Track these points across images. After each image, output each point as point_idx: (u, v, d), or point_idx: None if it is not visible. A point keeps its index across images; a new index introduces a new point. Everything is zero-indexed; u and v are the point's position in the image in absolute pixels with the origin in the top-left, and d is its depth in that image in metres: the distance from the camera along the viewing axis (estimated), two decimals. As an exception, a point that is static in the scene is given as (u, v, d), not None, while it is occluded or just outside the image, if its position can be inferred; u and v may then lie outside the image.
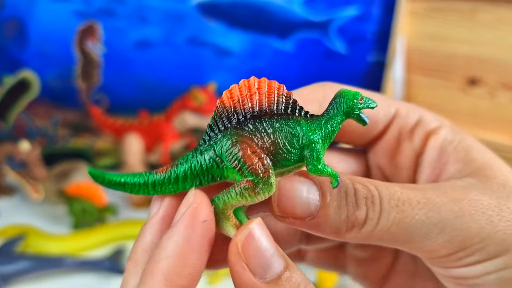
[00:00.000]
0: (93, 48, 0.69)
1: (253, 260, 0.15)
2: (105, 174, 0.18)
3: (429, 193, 0.17)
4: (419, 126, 0.21)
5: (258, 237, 0.15)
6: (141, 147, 0.67)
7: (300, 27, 0.70)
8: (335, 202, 0.16)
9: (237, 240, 0.15)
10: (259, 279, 0.15)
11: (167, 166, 0.17)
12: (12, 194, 0.66)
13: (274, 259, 0.15)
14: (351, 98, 0.17)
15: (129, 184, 0.18)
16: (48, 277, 0.49)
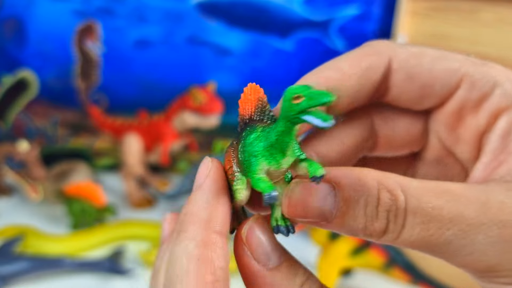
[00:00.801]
0: (92, 48, 0.68)
1: (256, 250, 0.17)
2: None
3: (468, 207, 0.15)
4: (489, 98, 0.17)
5: (258, 231, 0.17)
6: (140, 147, 0.67)
7: (300, 27, 0.69)
8: (353, 211, 0.15)
9: (241, 232, 0.17)
10: (263, 266, 0.16)
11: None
12: (11, 194, 0.66)
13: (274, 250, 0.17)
14: (285, 98, 0.14)
15: None
16: (47, 277, 0.49)
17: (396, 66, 0.18)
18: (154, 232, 0.56)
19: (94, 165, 0.72)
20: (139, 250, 0.51)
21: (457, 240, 0.15)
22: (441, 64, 0.18)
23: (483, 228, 0.15)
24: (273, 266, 0.16)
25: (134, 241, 0.55)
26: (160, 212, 0.63)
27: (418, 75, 0.18)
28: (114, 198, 0.65)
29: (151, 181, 0.68)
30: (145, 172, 0.68)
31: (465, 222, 0.15)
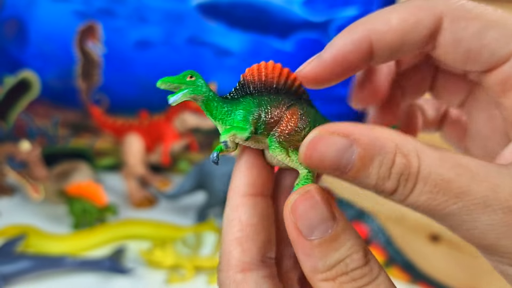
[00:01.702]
0: (93, 48, 0.69)
1: (301, 221, 0.16)
2: None
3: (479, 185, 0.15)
4: None
5: (307, 200, 0.17)
6: (141, 147, 0.67)
7: (300, 27, 0.70)
8: (367, 168, 0.16)
9: (289, 201, 0.17)
10: (306, 238, 0.16)
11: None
12: (12, 194, 0.66)
13: (322, 222, 0.16)
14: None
15: None
16: (49, 277, 0.49)
17: (446, 26, 0.18)
18: (155, 231, 0.57)
19: (95, 165, 0.72)
20: (140, 250, 0.52)
21: (460, 215, 0.15)
22: (493, 33, 0.17)
23: (488, 210, 0.15)
24: (316, 240, 0.16)
25: (135, 240, 0.56)
26: (161, 212, 0.63)
27: (466, 40, 0.17)
28: (115, 197, 0.65)
29: (152, 181, 0.69)
30: (146, 172, 0.68)
31: (471, 200, 0.15)
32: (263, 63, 0.20)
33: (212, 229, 0.56)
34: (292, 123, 0.18)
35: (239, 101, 0.19)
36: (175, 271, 0.50)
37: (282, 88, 0.19)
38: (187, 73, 0.18)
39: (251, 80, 0.19)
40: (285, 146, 0.18)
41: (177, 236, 0.54)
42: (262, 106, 0.19)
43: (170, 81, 0.18)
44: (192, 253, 0.51)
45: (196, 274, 0.50)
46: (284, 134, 0.18)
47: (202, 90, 0.18)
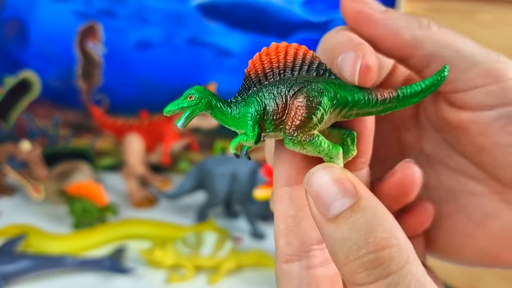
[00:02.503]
0: (93, 49, 0.69)
1: (317, 196, 0.16)
2: None
3: None
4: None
5: (320, 178, 0.16)
6: (141, 147, 0.67)
7: (300, 28, 0.70)
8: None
9: (307, 175, 0.16)
10: (322, 216, 0.16)
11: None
12: (13, 194, 0.66)
13: (337, 198, 0.15)
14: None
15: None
16: (49, 276, 0.49)
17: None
18: (155, 231, 0.57)
19: (95, 165, 0.72)
20: (141, 249, 0.52)
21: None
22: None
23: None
24: (331, 217, 0.15)
25: (135, 240, 0.56)
26: (161, 212, 0.63)
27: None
28: (116, 197, 0.65)
29: (152, 180, 0.69)
30: (146, 172, 0.68)
31: None
32: (265, 48, 0.18)
33: (212, 228, 0.56)
34: (301, 113, 0.17)
35: (245, 101, 0.18)
36: (175, 270, 0.50)
37: (293, 70, 0.18)
38: (187, 93, 0.18)
39: (254, 73, 0.18)
40: (299, 139, 0.17)
41: (177, 236, 0.54)
42: (267, 102, 0.18)
43: (173, 109, 0.18)
44: (192, 253, 0.51)
45: (196, 273, 0.50)
46: (293, 127, 0.17)
47: (202, 106, 0.18)
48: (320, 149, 0.17)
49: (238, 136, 0.18)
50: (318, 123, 0.17)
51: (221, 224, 0.60)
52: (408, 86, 0.18)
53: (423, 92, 0.18)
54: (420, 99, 0.18)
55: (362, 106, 0.18)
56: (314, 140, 0.17)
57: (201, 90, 0.18)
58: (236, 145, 0.18)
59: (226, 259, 0.50)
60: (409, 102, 0.18)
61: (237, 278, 0.51)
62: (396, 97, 0.18)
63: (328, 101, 0.17)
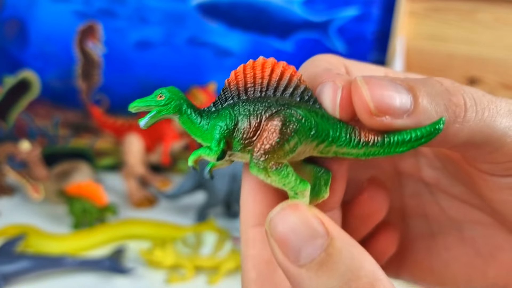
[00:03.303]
0: (93, 48, 0.69)
1: (282, 244, 0.14)
2: None
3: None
4: None
5: (284, 219, 0.14)
6: (141, 147, 0.67)
7: (300, 28, 0.70)
8: (425, 93, 0.15)
9: (267, 217, 0.14)
10: (291, 262, 0.13)
11: None
12: (12, 194, 0.66)
13: (307, 242, 0.13)
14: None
15: None
16: (49, 276, 0.49)
17: None
18: (155, 231, 0.57)
19: (95, 165, 0.72)
20: (140, 249, 0.52)
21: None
22: None
23: None
24: (303, 263, 0.13)
25: (135, 240, 0.55)
26: (161, 212, 0.63)
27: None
28: (115, 197, 0.65)
29: (152, 180, 0.69)
30: (146, 171, 0.68)
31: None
32: (251, 61, 0.17)
33: (212, 229, 0.56)
34: (273, 136, 0.15)
35: (218, 113, 0.17)
36: (175, 271, 0.50)
37: (276, 90, 0.16)
38: (157, 92, 0.17)
39: (235, 85, 0.17)
40: (265, 165, 0.15)
41: (177, 236, 0.54)
42: (240, 118, 0.16)
43: (138, 105, 0.17)
44: (192, 253, 0.51)
45: (196, 274, 0.50)
46: (261, 150, 0.15)
47: (171, 109, 0.17)
48: (286, 181, 0.15)
49: (201, 149, 0.17)
50: (290, 153, 0.15)
51: (221, 224, 0.60)
52: (397, 133, 0.16)
53: (412, 142, 0.15)
54: (407, 150, 0.16)
55: (342, 144, 0.16)
56: (282, 170, 0.15)
57: (174, 91, 0.17)
58: (195, 158, 0.17)
59: (226, 259, 0.50)
60: (395, 151, 0.16)
61: (237, 278, 0.51)
62: (381, 142, 0.16)
63: (306, 131, 0.16)
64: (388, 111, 0.15)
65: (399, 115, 0.15)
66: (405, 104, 0.15)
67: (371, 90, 0.15)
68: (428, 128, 0.15)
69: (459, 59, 0.61)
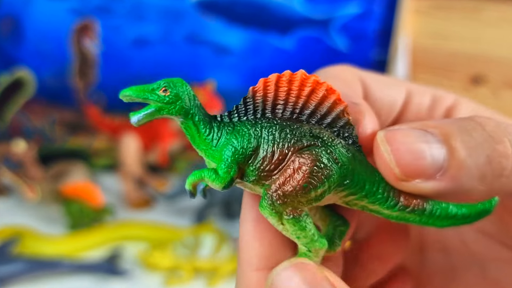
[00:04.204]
0: (90, 46, 0.68)
1: None
2: None
3: None
4: (436, 104, 0.17)
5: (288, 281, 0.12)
6: (138, 146, 0.66)
7: (301, 25, 0.69)
8: (463, 143, 0.12)
9: (270, 276, 0.12)
10: None
11: None
12: (7, 194, 0.65)
13: None
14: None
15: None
16: (44, 279, 0.48)
17: None
18: (152, 233, 0.56)
19: (91, 165, 0.71)
20: (138, 251, 0.51)
21: None
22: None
23: None
24: None
25: (132, 242, 0.55)
26: (158, 213, 0.63)
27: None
28: (112, 198, 0.64)
29: (150, 181, 0.68)
30: (143, 172, 0.67)
31: None
32: (288, 72, 0.13)
33: (211, 230, 0.55)
34: (300, 178, 0.12)
35: (234, 127, 0.14)
36: (173, 273, 0.50)
37: (311, 116, 0.13)
38: (161, 83, 0.14)
39: (262, 97, 0.13)
40: (280, 209, 0.12)
41: (175, 238, 0.53)
42: (262, 143, 0.13)
43: (134, 95, 0.14)
44: (191, 255, 0.50)
45: (194, 276, 0.50)
46: (280, 191, 0.12)
47: (175, 110, 0.13)
48: (301, 235, 0.12)
49: (204, 171, 0.13)
50: (314, 201, 0.13)
51: (221, 225, 0.59)
52: (442, 203, 0.13)
53: (457, 220, 0.13)
54: (447, 226, 0.13)
55: (375, 201, 0.13)
56: (300, 220, 0.12)
57: (181, 86, 0.14)
58: (195, 181, 0.14)
59: (225, 261, 0.50)
60: (433, 223, 0.13)
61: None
62: (421, 210, 0.13)
63: (340, 179, 0.13)
64: (417, 174, 0.12)
65: (431, 175, 0.12)
66: (437, 160, 0.12)
67: (394, 152, 0.12)
68: (479, 207, 0.13)
69: (463, 57, 0.61)
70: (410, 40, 0.65)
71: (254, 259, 0.13)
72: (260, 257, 0.13)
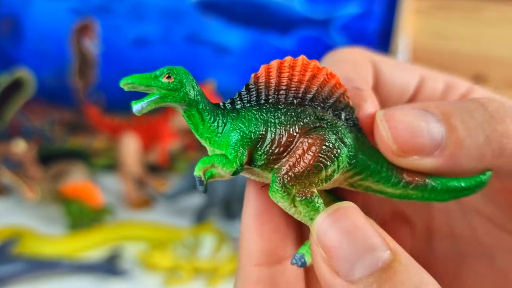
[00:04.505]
0: (89, 46, 0.68)
1: (334, 253, 0.11)
2: None
3: None
4: (449, 90, 0.17)
5: (341, 221, 0.11)
6: (138, 146, 0.66)
7: (301, 25, 0.69)
8: (463, 123, 0.12)
9: (314, 226, 0.12)
10: (346, 277, 0.11)
11: None
12: (7, 194, 0.65)
13: (367, 251, 0.11)
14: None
15: None
16: (44, 279, 0.48)
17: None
18: (152, 233, 0.56)
19: (91, 165, 0.71)
20: (137, 251, 0.51)
21: None
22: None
23: None
24: (357, 278, 0.11)
25: (132, 242, 0.55)
26: (158, 213, 0.63)
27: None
28: (112, 198, 0.64)
29: (149, 181, 0.68)
30: (143, 172, 0.67)
31: None
32: (289, 58, 0.14)
33: (211, 231, 0.55)
34: (310, 158, 0.12)
35: (238, 113, 0.13)
36: (173, 273, 0.50)
37: (313, 100, 0.13)
38: (164, 70, 0.13)
39: (265, 83, 0.14)
40: (291, 191, 0.12)
41: (175, 238, 0.53)
42: (269, 126, 0.13)
43: (137, 82, 0.13)
44: (191, 255, 0.50)
45: (194, 276, 0.50)
46: (292, 172, 0.12)
47: (179, 96, 0.13)
48: (316, 216, 0.12)
49: (213, 157, 0.13)
50: (325, 181, 0.13)
51: (220, 225, 0.59)
52: (442, 178, 0.13)
53: (457, 193, 0.14)
54: (448, 200, 0.14)
55: (379, 180, 0.13)
56: (312, 201, 0.12)
57: (185, 74, 0.13)
58: (205, 167, 0.13)
59: (225, 261, 0.50)
60: (435, 198, 0.14)
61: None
62: (423, 186, 0.13)
63: (346, 158, 0.13)
64: (414, 151, 0.12)
65: (428, 152, 0.12)
66: (435, 137, 0.12)
67: (392, 130, 0.13)
68: (475, 180, 0.13)
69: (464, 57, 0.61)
70: (410, 40, 0.65)
71: (254, 254, 0.13)
72: (260, 252, 0.13)
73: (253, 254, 0.13)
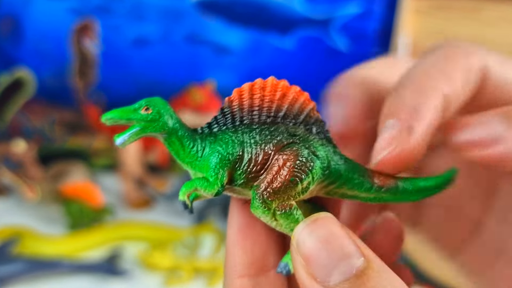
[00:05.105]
0: (90, 46, 0.68)
1: (312, 259, 0.12)
2: None
3: None
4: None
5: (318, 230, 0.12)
6: (138, 146, 0.66)
7: (301, 25, 0.69)
8: None
9: (294, 235, 0.13)
10: (322, 283, 0.12)
11: None
12: (7, 194, 0.65)
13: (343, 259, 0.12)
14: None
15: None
16: (44, 279, 0.48)
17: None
18: (152, 233, 0.56)
19: (91, 165, 0.71)
20: (137, 251, 0.51)
21: None
22: None
23: None
24: (333, 284, 0.12)
25: (132, 242, 0.55)
26: (158, 213, 0.63)
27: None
28: (112, 198, 0.64)
29: (149, 181, 0.68)
30: (143, 172, 0.67)
31: None
32: (259, 80, 0.14)
33: (211, 231, 0.55)
34: (286, 174, 0.13)
35: (216, 137, 0.14)
36: (173, 273, 0.50)
37: (285, 117, 0.14)
38: (142, 103, 0.14)
39: (238, 106, 0.14)
40: (271, 206, 0.13)
41: (175, 238, 0.53)
42: (245, 147, 0.14)
43: (117, 117, 0.14)
44: (191, 255, 0.50)
45: (194, 276, 0.50)
46: (270, 189, 0.13)
47: (159, 126, 0.14)
48: (295, 226, 0.13)
49: (195, 181, 0.14)
50: (301, 193, 0.14)
51: (221, 225, 0.59)
52: (411, 179, 0.14)
53: (426, 192, 0.15)
54: (420, 199, 0.15)
55: (353, 186, 0.14)
56: (291, 213, 0.13)
57: (162, 104, 0.14)
58: (189, 191, 0.14)
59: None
60: (407, 199, 0.15)
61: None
62: (394, 188, 0.14)
63: (320, 170, 0.14)
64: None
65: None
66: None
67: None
68: (442, 178, 0.15)
69: (463, 57, 0.61)
70: (410, 40, 0.65)
71: (237, 266, 0.14)
72: (242, 264, 0.14)
73: (236, 267, 0.14)
